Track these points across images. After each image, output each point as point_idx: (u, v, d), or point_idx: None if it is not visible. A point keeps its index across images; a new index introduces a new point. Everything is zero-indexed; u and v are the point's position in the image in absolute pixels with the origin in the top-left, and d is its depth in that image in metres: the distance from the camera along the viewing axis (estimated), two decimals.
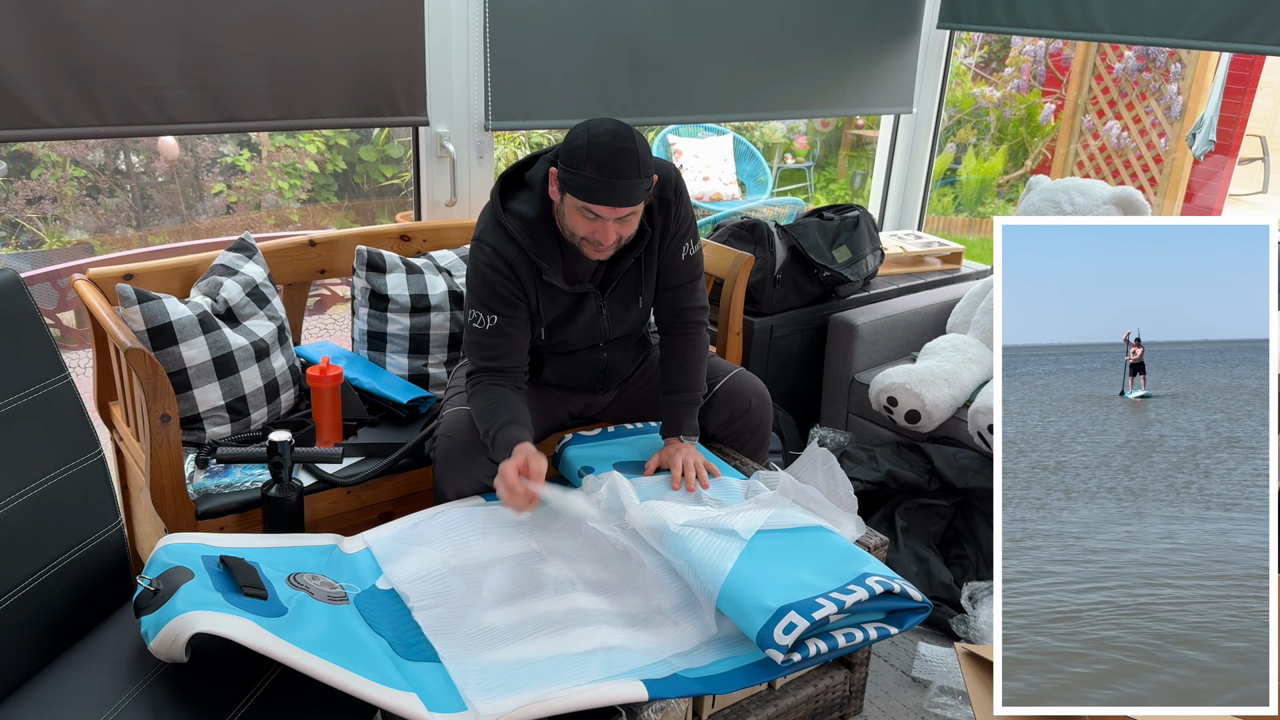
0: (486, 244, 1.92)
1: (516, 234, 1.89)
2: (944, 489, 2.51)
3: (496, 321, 1.94)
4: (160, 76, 2.11)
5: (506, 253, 1.90)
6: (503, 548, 1.80)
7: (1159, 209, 6.56)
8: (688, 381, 2.07)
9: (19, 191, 5.06)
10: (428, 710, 1.36)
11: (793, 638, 1.49)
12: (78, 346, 4.45)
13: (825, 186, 7.59)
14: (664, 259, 2.04)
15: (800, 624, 1.50)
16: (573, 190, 1.79)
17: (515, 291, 1.93)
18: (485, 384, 1.95)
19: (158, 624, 1.31)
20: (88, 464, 1.46)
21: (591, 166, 1.75)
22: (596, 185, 1.76)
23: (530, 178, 1.95)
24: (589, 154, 1.75)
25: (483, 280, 1.93)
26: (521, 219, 1.91)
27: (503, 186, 1.96)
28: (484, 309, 1.94)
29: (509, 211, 1.93)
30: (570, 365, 2.12)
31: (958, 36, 3.79)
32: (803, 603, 1.54)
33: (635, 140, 1.78)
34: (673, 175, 1.99)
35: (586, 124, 1.81)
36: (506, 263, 1.90)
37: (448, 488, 1.94)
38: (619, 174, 1.76)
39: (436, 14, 2.46)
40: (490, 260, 1.91)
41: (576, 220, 1.83)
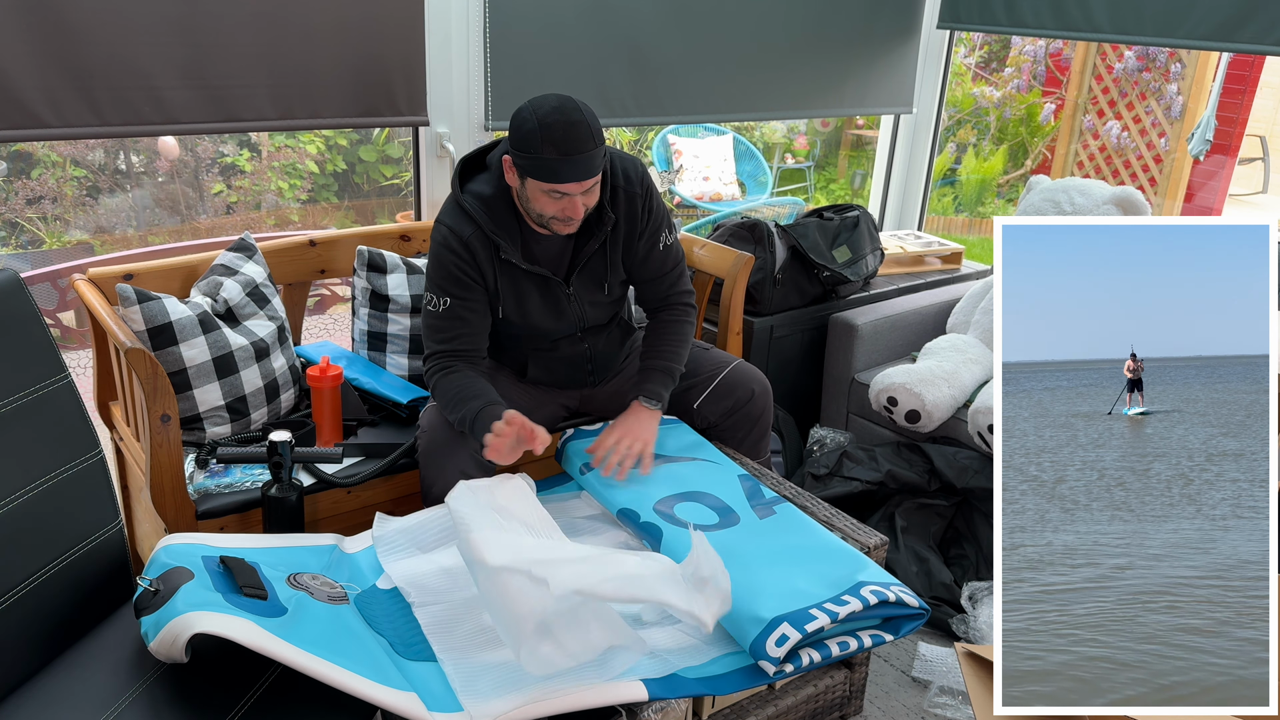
0: (443, 224, 1.93)
1: (473, 212, 1.90)
2: (944, 489, 2.51)
3: (449, 304, 1.94)
4: (160, 76, 2.11)
5: (462, 231, 1.91)
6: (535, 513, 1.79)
7: (1159, 209, 6.56)
8: (663, 349, 2.07)
9: (19, 191, 5.06)
10: (428, 710, 1.36)
11: (785, 650, 1.49)
12: (78, 346, 4.45)
13: (825, 186, 7.59)
14: (643, 252, 2.05)
15: (793, 636, 1.50)
16: (534, 174, 1.79)
17: (470, 272, 1.93)
18: (443, 368, 1.94)
19: (158, 624, 1.31)
20: (88, 464, 1.46)
21: (549, 148, 1.75)
22: (558, 164, 1.76)
23: (490, 160, 1.97)
24: (543, 135, 1.75)
25: (437, 261, 1.94)
26: (479, 197, 1.93)
27: (463, 169, 1.97)
28: (437, 290, 1.94)
29: (467, 192, 1.94)
30: (554, 360, 2.12)
31: (958, 36, 3.79)
32: (796, 614, 1.54)
33: (583, 111, 1.79)
34: (638, 169, 2.01)
35: (530, 105, 1.80)
36: (461, 240, 1.91)
37: (433, 484, 1.94)
38: (578, 149, 1.76)
39: (436, 14, 2.46)
40: (444, 239, 1.92)
41: (543, 202, 1.84)
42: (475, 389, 1.90)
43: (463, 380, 1.92)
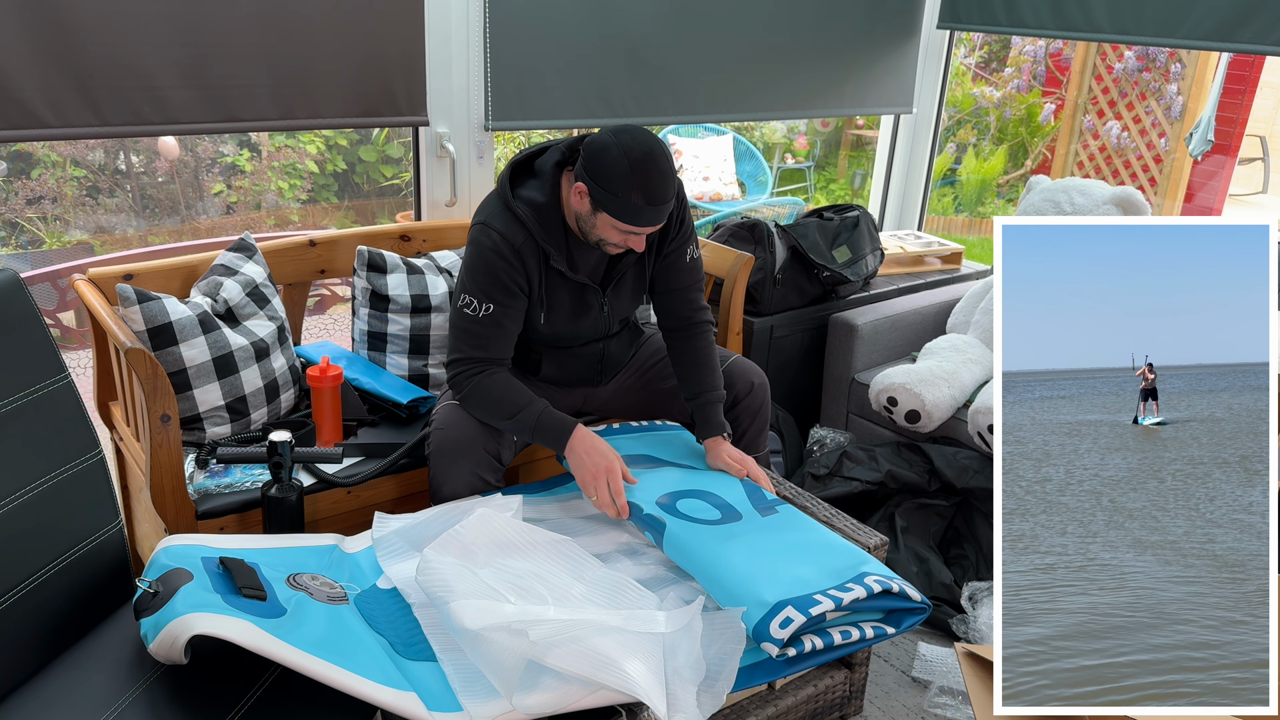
0: (493, 229, 1.89)
1: (525, 218, 1.89)
2: (944, 489, 2.51)
3: (491, 310, 1.92)
4: (160, 76, 2.11)
5: (514, 238, 1.89)
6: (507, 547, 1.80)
7: (1159, 209, 6.56)
8: (711, 381, 2.09)
9: (19, 191, 5.06)
10: (428, 710, 1.36)
11: (788, 632, 1.49)
12: (78, 346, 4.45)
13: (825, 186, 7.59)
14: (669, 262, 2.06)
15: (797, 619, 1.50)
16: (614, 213, 1.80)
17: (519, 280, 1.92)
18: (478, 373, 1.93)
19: (157, 626, 1.31)
20: (88, 464, 1.46)
21: (638, 195, 1.76)
22: (643, 211, 1.79)
23: (539, 166, 1.95)
24: (634, 181, 1.76)
25: (485, 265, 1.90)
26: (530, 204, 1.91)
27: (512, 173, 1.96)
28: (481, 295, 1.91)
29: (517, 197, 1.92)
30: (569, 359, 2.12)
31: (958, 36, 3.79)
32: (800, 598, 1.54)
33: (668, 158, 1.80)
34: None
35: (615, 138, 1.78)
36: (514, 248, 1.89)
37: (444, 483, 1.93)
38: (663, 198, 1.79)
39: (436, 14, 2.46)
40: (496, 246, 1.89)
41: (610, 234, 1.86)
42: (523, 393, 1.93)
43: (505, 383, 1.93)
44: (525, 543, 1.71)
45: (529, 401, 1.91)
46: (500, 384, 1.92)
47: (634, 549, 1.85)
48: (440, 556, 1.60)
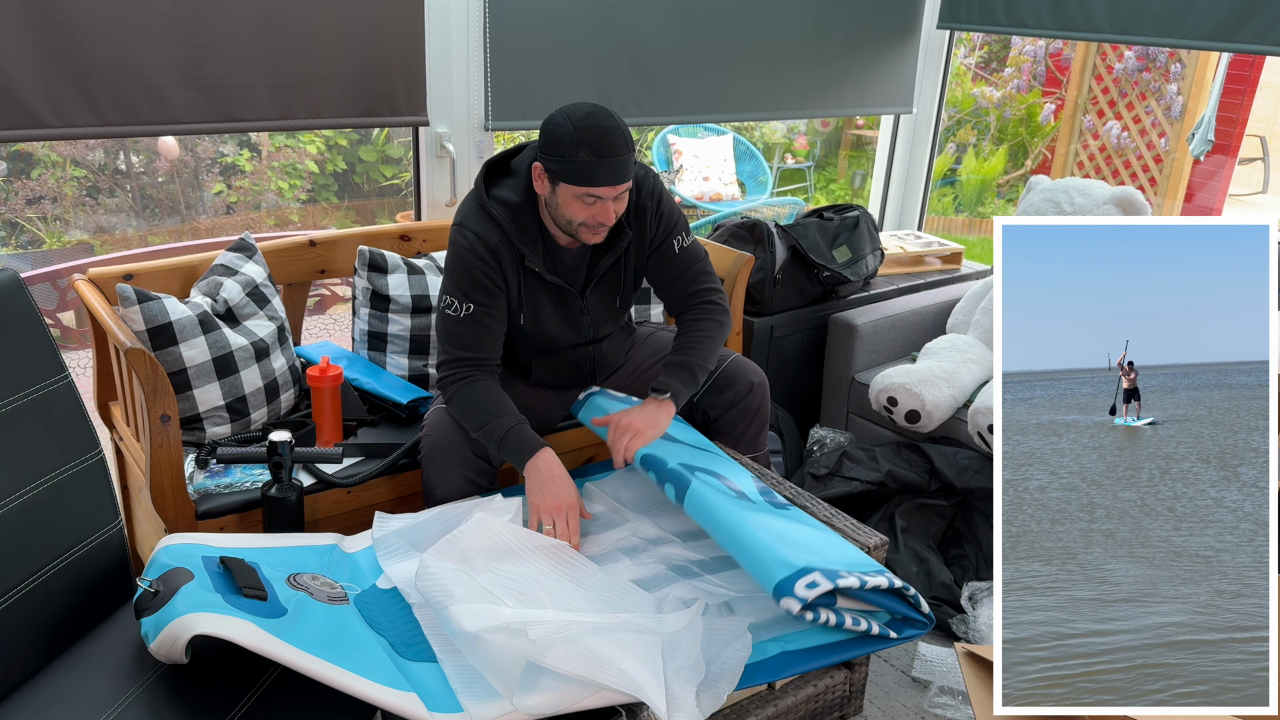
0: (468, 229, 1.91)
1: (500, 219, 1.89)
2: (944, 489, 2.51)
3: (472, 310, 1.92)
4: (160, 76, 2.11)
5: (489, 238, 1.90)
6: (505, 552, 1.80)
7: (1159, 209, 6.56)
8: (680, 345, 2.05)
9: (19, 191, 5.06)
10: (428, 710, 1.36)
11: (814, 594, 1.50)
12: (78, 346, 4.45)
13: (825, 186, 7.59)
14: (660, 257, 2.05)
15: (823, 584, 1.51)
16: (569, 178, 1.79)
17: (495, 279, 1.92)
18: (462, 378, 1.93)
19: (157, 626, 1.31)
20: (88, 464, 1.46)
21: (584, 151, 1.76)
22: (593, 167, 1.77)
23: (515, 165, 1.95)
24: (578, 139, 1.76)
25: (462, 266, 1.91)
26: (505, 204, 1.91)
27: (487, 173, 1.96)
28: (460, 296, 1.92)
29: (493, 197, 1.93)
30: (559, 363, 2.12)
31: (958, 36, 3.79)
32: (827, 569, 1.55)
33: (615, 117, 1.80)
34: (649, 180, 2.00)
35: (562, 112, 1.81)
36: (489, 247, 1.90)
37: (436, 486, 1.94)
38: (612, 152, 1.78)
39: (436, 14, 2.46)
40: (471, 245, 1.90)
41: (575, 208, 1.84)
42: (499, 405, 1.91)
43: (485, 392, 1.92)
44: (523, 548, 1.71)
45: (501, 414, 1.89)
46: (479, 393, 1.92)
47: (634, 548, 1.85)
48: (439, 562, 1.60)
